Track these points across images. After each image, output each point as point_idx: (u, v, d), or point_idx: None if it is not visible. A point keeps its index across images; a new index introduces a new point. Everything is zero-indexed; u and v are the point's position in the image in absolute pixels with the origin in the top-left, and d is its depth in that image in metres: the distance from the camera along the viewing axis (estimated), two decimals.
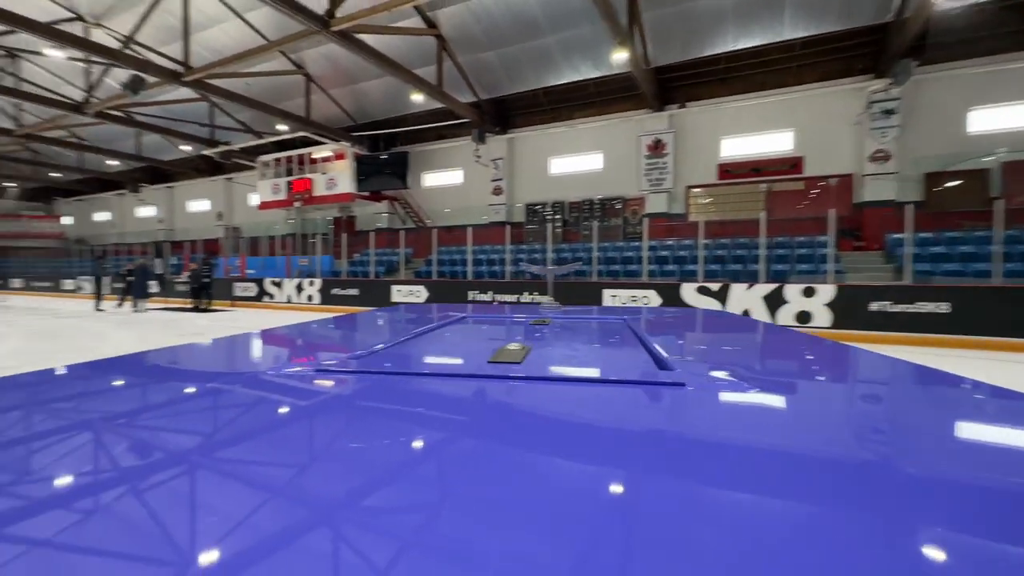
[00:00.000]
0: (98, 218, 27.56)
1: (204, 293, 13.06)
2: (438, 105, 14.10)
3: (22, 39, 12.32)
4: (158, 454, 0.47)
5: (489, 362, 0.81)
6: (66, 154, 22.48)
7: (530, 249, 13.50)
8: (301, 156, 17.20)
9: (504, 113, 14.76)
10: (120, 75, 12.56)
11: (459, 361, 0.98)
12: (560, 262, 11.84)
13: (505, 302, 10.75)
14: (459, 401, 0.65)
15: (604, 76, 12.92)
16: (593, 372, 0.86)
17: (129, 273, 12.87)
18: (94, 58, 11.43)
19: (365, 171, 16.29)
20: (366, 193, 16.59)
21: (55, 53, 11.22)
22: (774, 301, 8.25)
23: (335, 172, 16.64)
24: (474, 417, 0.59)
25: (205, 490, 0.40)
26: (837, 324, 7.79)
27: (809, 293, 8.03)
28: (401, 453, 0.48)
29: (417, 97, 12.71)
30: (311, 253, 15.61)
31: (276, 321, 11.42)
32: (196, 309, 13.01)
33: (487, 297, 10.92)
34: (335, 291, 13.09)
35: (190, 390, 0.74)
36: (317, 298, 13.34)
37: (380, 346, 1.03)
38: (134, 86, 10.43)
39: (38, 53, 12.05)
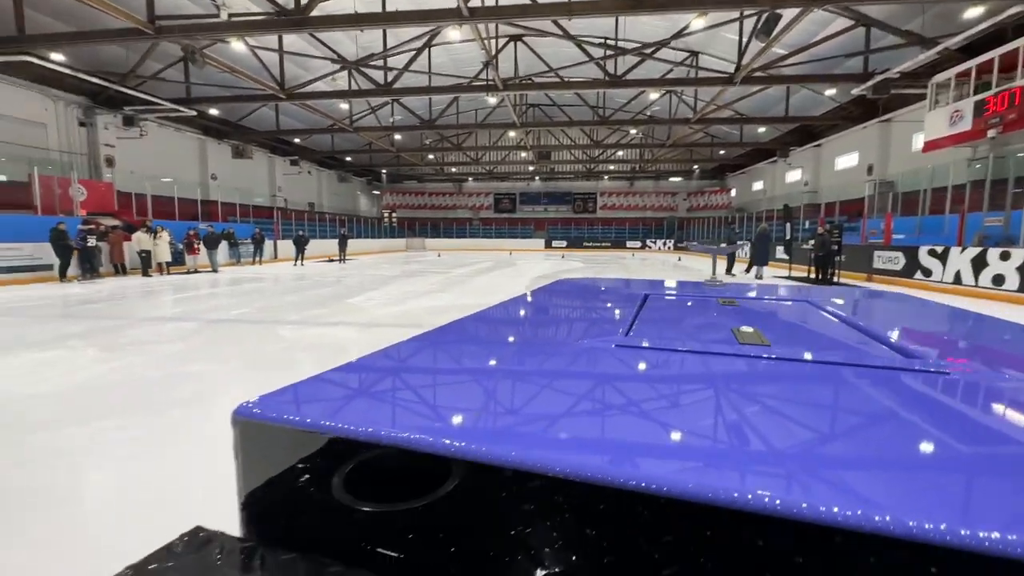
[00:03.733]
0: (755, 187, 30.24)
1: (830, 263, 10.87)
2: None
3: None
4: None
5: (740, 343, 0.89)
6: (730, 132, 25.50)
7: None
8: (1011, 53, 11.01)
9: None
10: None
11: (710, 340, 1.05)
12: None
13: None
14: (736, 376, 0.74)
15: None
16: (844, 353, 0.89)
17: (756, 239, 12.57)
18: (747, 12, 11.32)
19: None
20: None
21: (698, 24, 11.94)
22: None
23: None
24: (756, 389, 0.69)
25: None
26: None
27: None
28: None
29: None
30: (1008, 207, 9.87)
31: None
32: (819, 280, 11.08)
33: None
34: None
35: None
36: (1015, 280, 8.14)
37: (631, 322, 1.17)
38: (767, 27, 9.34)
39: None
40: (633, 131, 26.47)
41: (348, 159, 30.27)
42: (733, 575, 0.38)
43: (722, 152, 29.30)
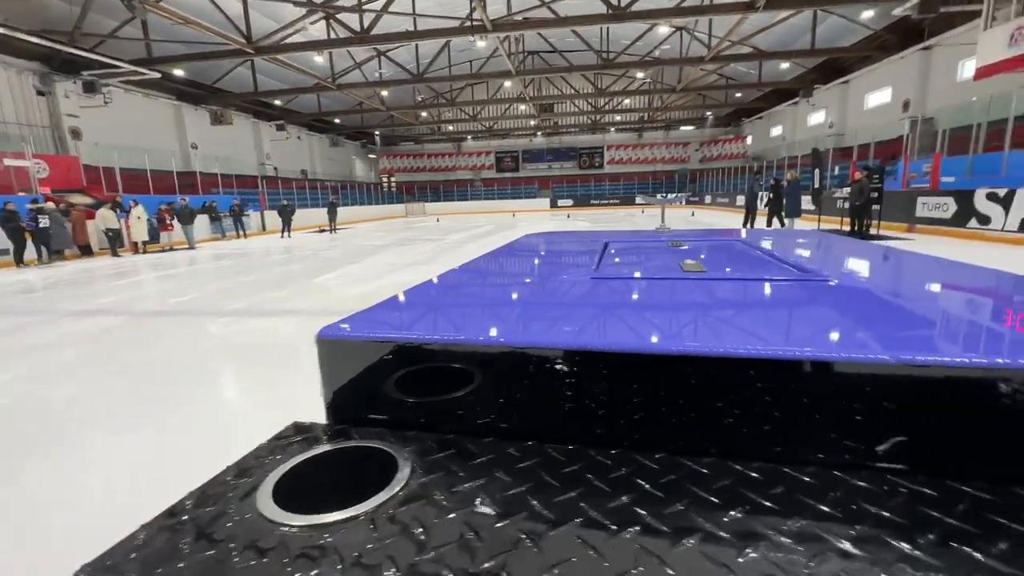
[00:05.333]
0: (773, 133, 28.14)
1: (866, 213, 9.55)
2: None
3: None
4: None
5: (685, 270, 1.19)
6: (747, 72, 23.37)
7: None
8: None
9: None
10: None
11: (662, 270, 1.31)
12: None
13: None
14: (682, 292, 1.00)
15: None
16: (760, 273, 1.19)
17: (777, 188, 11.20)
18: None
19: None
20: None
21: None
22: None
23: None
24: (695, 300, 0.96)
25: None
26: None
27: None
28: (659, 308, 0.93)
29: None
30: None
31: (989, 259, 6.50)
32: (856, 233, 9.80)
33: None
34: None
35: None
36: None
37: (598, 262, 1.45)
38: None
39: None
40: (640, 75, 24.42)
41: (337, 121, 28.63)
42: (677, 401, 0.61)
43: (738, 95, 27.15)
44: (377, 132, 31.73)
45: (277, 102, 23.38)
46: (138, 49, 14.65)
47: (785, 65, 21.65)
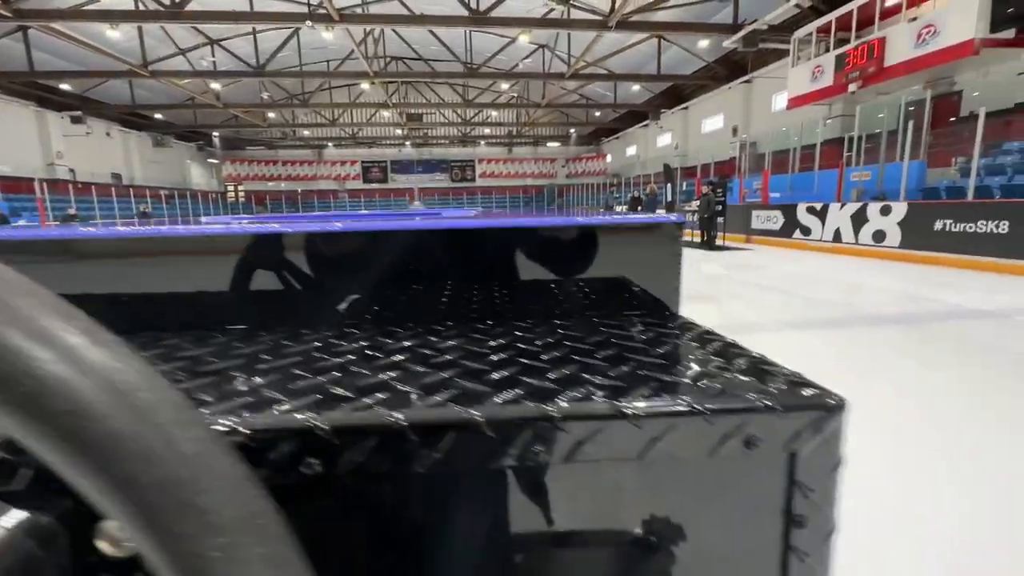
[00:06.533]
0: (629, 152, 30.35)
1: (712, 224, 10.06)
2: None
3: None
4: None
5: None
6: (604, 93, 24.78)
7: None
8: (868, 5, 10.86)
9: None
10: None
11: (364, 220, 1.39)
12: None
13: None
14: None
15: None
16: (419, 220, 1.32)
17: (635, 202, 11.47)
18: None
19: None
20: (1009, 36, 8.66)
21: None
22: None
23: (935, 14, 9.50)
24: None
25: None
26: None
27: None
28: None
29: None
30: (875, 161, 9.73)
31: (810, 266, 7.00)
32: (705, 244, 10.28)
33: None
34: (941, 224, 7.04)
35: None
36: (895, 236, 7.72)
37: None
38: None
39: None
40: (505, 86, 24.54)
41: (160, 116, 24.23)
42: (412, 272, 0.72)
43: (597, 114, 28.77)
44: (216, 133, 27.60)
45: (66, 87, 18.83)
46: None
47: (636, 88, 23.31)
